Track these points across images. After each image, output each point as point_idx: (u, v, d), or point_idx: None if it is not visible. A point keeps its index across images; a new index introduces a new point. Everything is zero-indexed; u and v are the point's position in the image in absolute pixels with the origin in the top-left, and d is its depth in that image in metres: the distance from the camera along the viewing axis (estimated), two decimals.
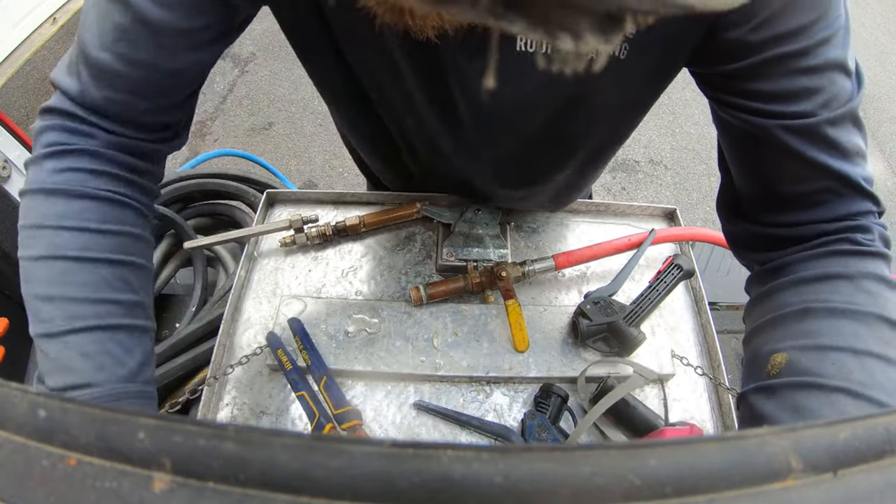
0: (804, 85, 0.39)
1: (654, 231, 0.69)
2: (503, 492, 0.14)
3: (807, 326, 0.38)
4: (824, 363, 0.35)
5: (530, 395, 0.61)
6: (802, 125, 0.40)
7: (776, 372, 0.37)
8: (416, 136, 0.58)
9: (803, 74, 0.39)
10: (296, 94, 2.63)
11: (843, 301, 0.38)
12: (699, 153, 2.68)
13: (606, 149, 0.63)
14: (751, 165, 0.46)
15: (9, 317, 0.66)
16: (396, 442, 0.14)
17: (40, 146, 0.42)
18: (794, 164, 0.41)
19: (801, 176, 0.42)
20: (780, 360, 0.37)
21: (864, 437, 0.16)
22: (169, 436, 0.14)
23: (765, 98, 0.40)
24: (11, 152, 0.80)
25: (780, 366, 0.37)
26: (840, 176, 0.41)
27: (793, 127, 0.40)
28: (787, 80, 0.39)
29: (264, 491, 0.14)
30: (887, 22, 3.91)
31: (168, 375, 0.66)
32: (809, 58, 0.38)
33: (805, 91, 0.39)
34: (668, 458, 0.14)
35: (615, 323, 0.60)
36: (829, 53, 0.38)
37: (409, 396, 0.61)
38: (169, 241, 0.81)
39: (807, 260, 0.42)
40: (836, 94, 0.40)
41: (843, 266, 0.40)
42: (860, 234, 0.41)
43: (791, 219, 0.44)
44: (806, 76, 0.39)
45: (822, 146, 0.40)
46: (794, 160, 0.41)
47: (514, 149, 0.58)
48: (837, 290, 0.39)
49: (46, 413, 0.15)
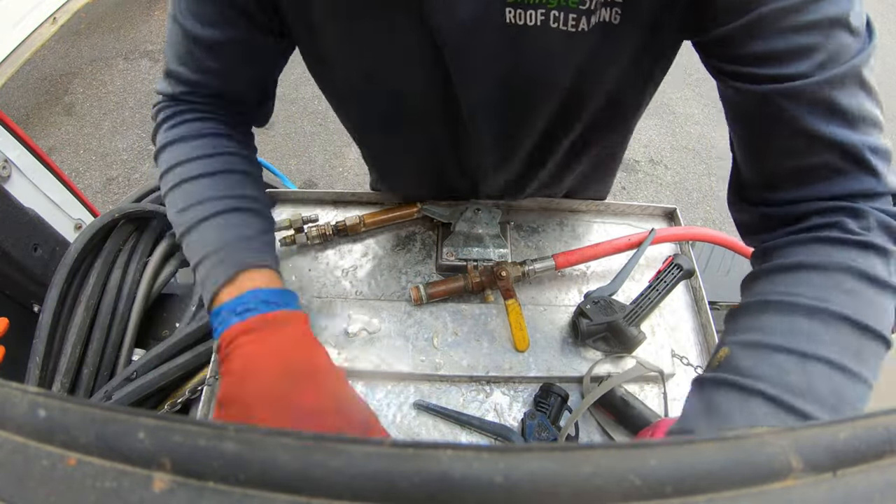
0: (799, 43, 0.36)
1: (654, 231, 0.69)
2: (503, 492, 0.14)
3: (762, 321, 0.36)
4: (762, 364, 0.33)
5: (530, 394, 0.61)
6: (797, 88, 0.36)
7: (716, 366, 0.36)
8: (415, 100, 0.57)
9: (797, 32, 0.35)
10: (296, 94, 2.63)
11: (809, 297, 0.34)
12: (699, 153, 2.68)
13: (604, 129, 0.62)
14: (749, 140, 0.43)
15: (9, 317, 0.66)
16: (396, 442, 0.14)
17: (158, 114, 0.54)
18: (789, 134, 0.38)
19: (797, 147, 0.38)
20: (722, 355, 0.36)
21: (864, 437, 0.16)
22: (169, 436, 0.14)
23: (759, 61, 0.37)
24: (11, 152, 0.80)
25: (720, 360, 0.36)
26: (839, 146, 0.37)
27: (788, 91, 0.37)
28: (779, 39, 0.36)
29: (264, 491, 0.14)
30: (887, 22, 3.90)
31: (168, 375, 0.65)
32: (804, 13, 0.35)
33: (800, 50, 0.36)
34: (668, 458, 0.14)
35: (615, 322, 0.60)
36: (827, 8, 0.35)
37: (409, 396, 0.61)
38: (169, 241, 0.81)
39: (790, 245, 0.39)
40: (837, 52, 0.36)
41: (822, 256, 0.36)
42: (851, 220, 0.37)
43: (783, 196, 0.41)
44: (800, 34, 0.35)
45: (821, 112, 0.37)
46: (788, 129, 0.38)
47: (513, 126, 0.57)
48: (808, 283, 0.35)
49: (46, 413, 0.15)
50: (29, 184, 0.83)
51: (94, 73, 2.76)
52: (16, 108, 2.54)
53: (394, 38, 0.48)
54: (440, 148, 0.64)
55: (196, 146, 0.51)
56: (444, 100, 0.54)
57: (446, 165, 0.68)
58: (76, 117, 2.54)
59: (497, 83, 0.50)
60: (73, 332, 0.66)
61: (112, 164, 2.34)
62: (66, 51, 2.89)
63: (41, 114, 2.55)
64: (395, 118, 0.61)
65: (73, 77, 2.74)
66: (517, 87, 0.51)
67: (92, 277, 0.70)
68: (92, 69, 2.78)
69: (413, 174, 0.73)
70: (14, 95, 2.62)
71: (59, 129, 2.48)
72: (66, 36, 2.97)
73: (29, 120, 2.49)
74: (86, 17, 3.11)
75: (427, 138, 0.63)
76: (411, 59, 0.50)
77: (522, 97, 0.53)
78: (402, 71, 0.52)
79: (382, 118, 0.61)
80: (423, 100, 0.55)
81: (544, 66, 0.48)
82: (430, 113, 0.57)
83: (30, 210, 0.76)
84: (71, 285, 0.69)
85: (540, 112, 0.55)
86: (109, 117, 2.53)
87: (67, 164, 2.30)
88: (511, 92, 0.52)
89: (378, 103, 0.58)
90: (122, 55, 2.88)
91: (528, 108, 0.55)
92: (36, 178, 0.84)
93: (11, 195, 0.73)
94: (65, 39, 2.95)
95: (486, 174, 0.67)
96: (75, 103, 2.61)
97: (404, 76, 0.52)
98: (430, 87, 0.53)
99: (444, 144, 0.63)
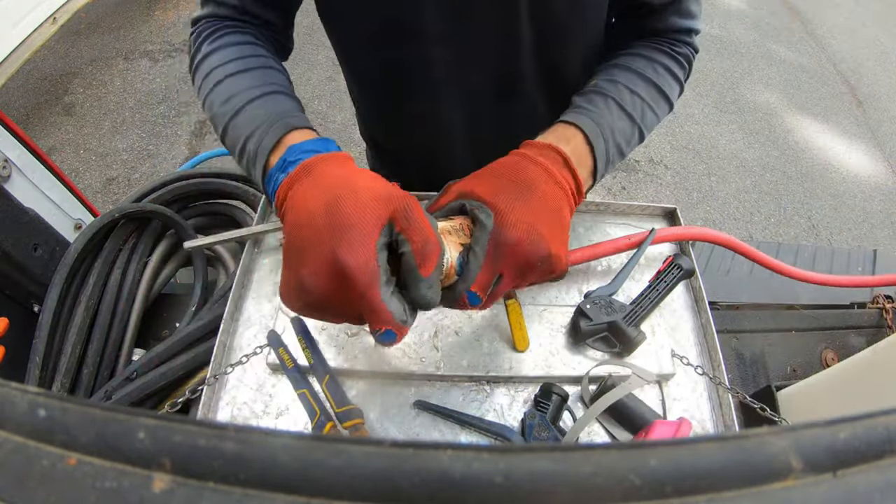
0: None
1: (655, 230, 0.69)
2: (503, 492, 0.14)
3: (614, 72, 0.61)
4: (614, 89, 0.58)
5: (530, 394, 0.61)
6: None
7: (589, 88, 0.60)
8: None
9: None
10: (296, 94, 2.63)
11: (639, 67, 0.61)
12: (699, 153, 2.68)
13: (562, 44, 0.68)
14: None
15: (9, 317, 0.66)
16: (396, 442, 0.14)
17: (196, 38, 0.59)
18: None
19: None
20: (593, 82, 0.60)
21: (864, 436, 0.16)
22: (169, 435, 0.14)
23: None
24: (11, 152, 0.80)
25: (592, 85, 0.60)
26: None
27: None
28: None
29: (264, 491, 0.14)
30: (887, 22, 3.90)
31: (168, 375, 0.65)
32: None
33: None
34: (668, 458, 0.14)
35: (615, 322, 0.60)
36: None
37: (409, 396, 0.61)
38: (169, 241, 0.81)
39: (635, 46, 0.64)
40: None
41: (651, 54, 0.63)
42: (674, 46, 0.64)
43: (637, 26, 0.65)
44: None
45: None
46: None
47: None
48: (639, 61, 0.62)
49: (46, 413, 0.15)
50: (29, 184, 0.83)
51: (94, 73, 2.76)
52: (16, 108, 2.54)
53: None
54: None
55: (241, 49, 0.56)
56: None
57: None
58: (76, 117, 2.54)
59: None
60: (73, 332, 0.66)
61: (112, 164, 2.34)
62: (66, 51, 2.89)
63: (41, 114, 2.55)
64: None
65: (73, 77, 2.74)
66: None
67: (92, 277, 0.70)
68: (92, 69, 2.78)
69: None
70: (14, 95, 2.62)
71: (59, 129, 2.48)
72: (66, 36, 2.97)
73: (29, 120, 2.50)
74: (86, 17, 3.11)
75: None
76: None
77: None
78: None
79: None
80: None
81: None
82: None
83: (30, 210, 0.76)
84: (71, 285, 0.69)
85: None
86: (109, 117, 2.53)
87: (67, 164, 2.30)
88: None
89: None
90: (122, 55, 2.88)
91: None
92: (36, 178, 0.84)
93: (11, 195, 0.73)
94: (65, 39, 2.95)
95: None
96: (75, 103, 2.61)
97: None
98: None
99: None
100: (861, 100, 3.23)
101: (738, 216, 2.47)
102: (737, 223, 2.44)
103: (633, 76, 0.60)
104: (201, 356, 0.68)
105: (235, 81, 0.53)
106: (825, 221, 2.52)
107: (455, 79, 0.66)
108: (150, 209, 0.77)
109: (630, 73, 0.60)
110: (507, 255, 0.44)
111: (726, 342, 0.79)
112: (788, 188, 2.63)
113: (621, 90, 0.58)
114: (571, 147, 0.52)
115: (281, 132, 0.48)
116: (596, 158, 0.54)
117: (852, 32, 3.77)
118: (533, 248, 0.44)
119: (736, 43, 3.45)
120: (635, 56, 0.63)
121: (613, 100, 0.57)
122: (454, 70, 0.65)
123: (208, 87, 0.55)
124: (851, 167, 2.80)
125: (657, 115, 0.61)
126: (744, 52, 3.40)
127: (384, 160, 0.93)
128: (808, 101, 3.14)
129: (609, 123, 0.55)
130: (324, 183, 0.43)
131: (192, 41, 0.60)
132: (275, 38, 0.64)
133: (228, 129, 0.52)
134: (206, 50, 0.57)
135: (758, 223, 2.46)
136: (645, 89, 0.60)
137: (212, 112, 0.54)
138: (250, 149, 0.49)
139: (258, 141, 0.49)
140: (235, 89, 0.53)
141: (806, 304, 0.90)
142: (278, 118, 0.50)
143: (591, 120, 0.55)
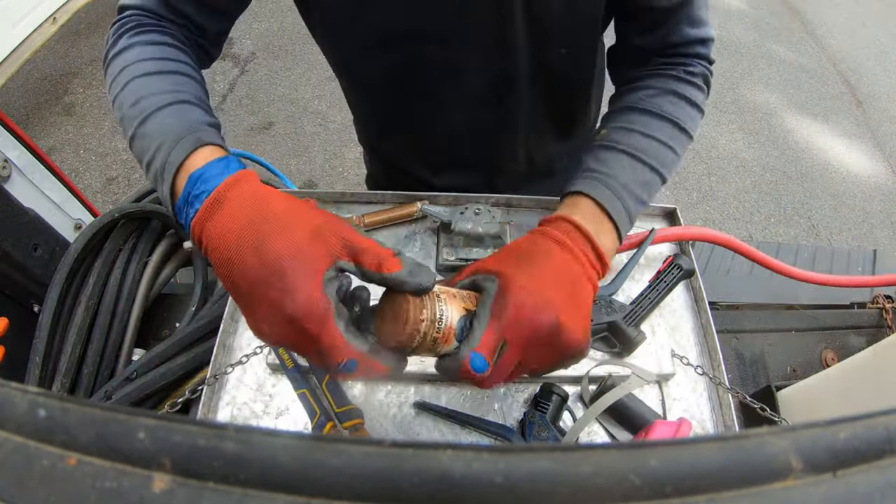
0: None
1: (654, 231, 0.69)
2: (503, 492, 0.14)
3: (626, 116, 0.58)
4: (626, 138, 0.56)
5: (530, 394, 0.61)
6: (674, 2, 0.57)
7: (600, 139, 0.58)
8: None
9: None
10: (296, 94, 2.63)
11: (653, 105, 0.57)
12: (699, 153, 2.68)
13: (565, 75, 0.69)
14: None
15: (9, 317, 0.66)
16: (396, 442, 0.14)
17: (117, 29, 0.55)
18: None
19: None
20: (604, 133, 0.58)
21: (864, 436, 0.16)
22: (169, 436, 0.14)
23: None
24: (11, 152, 0.80)
25: (602, 136, 0.58)
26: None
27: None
28: None
29: (264, 491, 0.14)
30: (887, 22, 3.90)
31: (168, 375, 0.65)
32: None
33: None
34: (668, 458, 0.14)
35: (615, 322, 0.60)
36: None
37: (409, 396, 0.61)
38: (169, 241, 0.81)
39: (646, 77, 0.61)
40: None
41: (665, 84, 0.59)
42: (688, 66, 0.60)
43: (645, 40, 0.62)
44: None
45: None
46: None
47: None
48: (653, 98, 0.58)
49: (46, 413, 0.15)
50: (29, 184, 0.83)
51: (94, 73, 2.76)
52: (16, 108, 2.54)
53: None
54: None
55: (159, 50, 0.54)
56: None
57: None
58: (76, 117, 2.54)
59: None
60: (73, 332, 0.66)
61: (112, 164, 2.34)
62: (66, 51, 2.89)
63: (41, 114, 2.55)
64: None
65: (73, 77, 2.74)
66: None
67: (92, 277, 0.70)
68: (92, 69, 2.78)
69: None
70: (14, 95, 2.62)
71: (59, 129, 2.48)
72: (66, 36, 2.97)
73: (29, 120, 2.49)
74: (86, 17, 3.11)
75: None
76: None
77: None
78: None
79: None
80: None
81: None
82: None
83: (30, 210, 0.76)
84: (71, 285, 0.69)
85: None
86: (109, 117, 2.53)
87: (67, 164, 2.30)
88: None
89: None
90: None
91: None
92: (36, 178, 0.84)
93: (11, 195, 0.73)
94: (65, 39, 2.95)
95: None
96: (75, 103, 2.61)
97: None
98: None
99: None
100: (861, 100, 3.23)
101: (737, 216, 2.47)
102: (737, 223, 2.44)
103: (647, 118, 0.57)
104: (201, 356, 0.67)
105: (147, 83, 0.51)
106: (825, 221, 2.52)
107: (453, 79, 0.66)
108: (150, 209, 0.77)
109: (644, 115, 0.57)
110: (512, 320, 0.41)
111: (726, 342, 0.79)
112: (788, 188, 2.63)
113: (635, 138, 0.55)
114: (583, 215, 0.50)
115: (188, 148, 0.45)
116: (614, 220, 0.51)
117: (852, 32, 3.77)
118: (539, 313, 0.41)
119: (736, 43, 3.45)
120: (648, 90, 0.59)
121: (625, 152, 0.54)
122: (453, 71, 0.65)
123: (119, 86, 0.52)
124: (851, 167, 2.80)
125: (677, 154, 0.57)
126: (744, 52, 3.40)
127: (382, 164, 0.93)
128: (808, 101, 3.14)
129: (621, 180, 0.52)
130: (241, 217, 0.40)
131: (111, 32, 0.56)
132: (200, 43, 0.61)
133: (136, 138, 0.49)
134: (124, 45, 0.54)
135: (758, 223, 2.46)
136: (661, 129, 0.56)
137: (121, 113, 0.51)
138: (156, 166, 0.46)
139: (164, 157, 0.46)
140: (146, 91, 0.50)
141: (806, 304, 0.90)
142: (187, 131, 0.47)
143: (601, 183, 0.52)
